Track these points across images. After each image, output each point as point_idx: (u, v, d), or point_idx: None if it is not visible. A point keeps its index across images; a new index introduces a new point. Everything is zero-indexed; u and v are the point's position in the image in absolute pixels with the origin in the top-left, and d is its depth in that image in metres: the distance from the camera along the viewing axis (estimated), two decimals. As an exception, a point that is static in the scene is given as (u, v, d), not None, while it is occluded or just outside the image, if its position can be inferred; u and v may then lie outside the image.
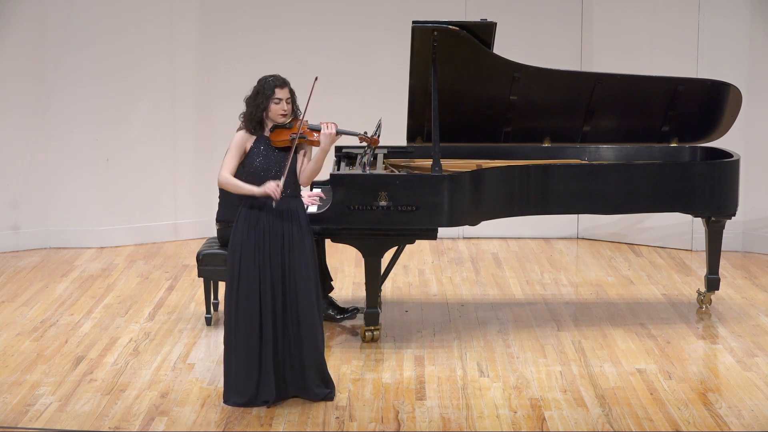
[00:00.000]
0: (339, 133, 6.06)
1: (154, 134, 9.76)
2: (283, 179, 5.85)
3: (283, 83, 5.92)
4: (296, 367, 5.94)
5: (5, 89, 9.36)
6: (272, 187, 5.81)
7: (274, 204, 5.85)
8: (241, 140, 5.92)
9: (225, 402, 5.94)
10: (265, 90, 5.89)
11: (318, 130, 6.00)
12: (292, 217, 5.92)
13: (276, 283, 5.88)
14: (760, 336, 7.17)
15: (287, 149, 5.92)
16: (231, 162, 5.91)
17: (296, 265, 5.90)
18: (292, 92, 5.96)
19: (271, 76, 5.95)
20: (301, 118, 5.96)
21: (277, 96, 5.89)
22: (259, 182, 5.88)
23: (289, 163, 5.88)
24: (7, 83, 9.36)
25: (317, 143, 5.97)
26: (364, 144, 6.71)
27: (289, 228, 5.91)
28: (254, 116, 5.91)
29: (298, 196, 6.01)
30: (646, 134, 7.93)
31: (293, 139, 5.89)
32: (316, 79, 5.99)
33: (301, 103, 6.03)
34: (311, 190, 7.07)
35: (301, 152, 5.98)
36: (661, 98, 7.76)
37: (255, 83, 5.99)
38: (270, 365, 5.89)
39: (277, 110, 5.90)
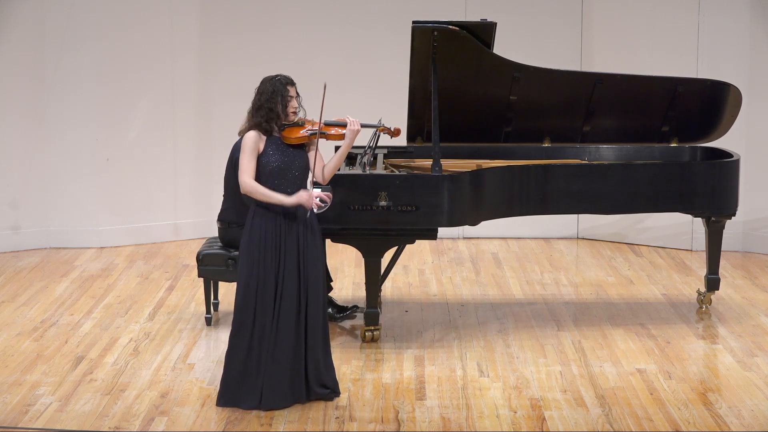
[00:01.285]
0: (363, 126, 6.15)
1: (154, 134, 9.76)
2: (310, 187, 5.87)
3: (291, 81, 5.98)
4: (301, 368, 5.93)
5: (5, 89, 9.36)
6: (306, 198, 5.83)
7: (308, 214, 5.88)
8: (254, 142, 5.89)
9: (222, 405, 5.90)
10: (280, 89, 5.90)
11: (334, 125, 6.06)
12: (305, 219, 5.92)
13: (290, 285, 5.88)
14: (760, 336, 7.17)
15: (300, 146, 5.95)
16: (250, 166, 5.88)
17: (310, 269, 5.91)
18: (296, 91, 6.00)
19: (276, 75, 5.97)
20: (319, 118, 5.97)
21: (289, 94, 5.93)
22: (275, 181, 5.87)
23: (314, 165, 5.92)
24: (7, 83, 9.36)
25: (336, 137, 6.03)
26: (387, 135, 6.71)
27: (303, 231, 5.92)
28: (275, 115, 5.90)
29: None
30: (646, 134, 7.93)
31: (312, 134, 5.92)
32: (326, 86, 6.02)
33: (309, 108, 6.05)
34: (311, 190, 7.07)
35: (314, 150, 6.00)
36: (661, 98, 7.76)
37: (256, 84, 5.98)
38: (273, 369, 5.89)
39: (291, 108, 5.94)
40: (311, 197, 5.85)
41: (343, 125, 6.11)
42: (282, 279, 5.87)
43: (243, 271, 5.91)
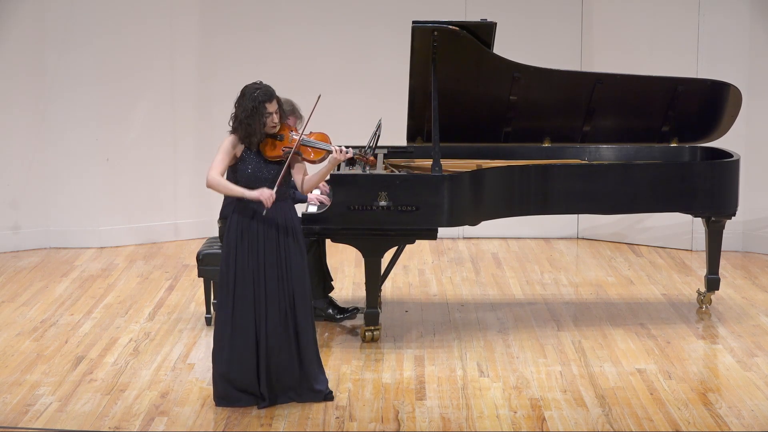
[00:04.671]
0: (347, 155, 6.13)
1: (154, 134, 9.76)
2: (275, 188, 5.85)
3: (271, 96, 5.87)
4: (294, 369, 5.93)
5: (5, 89, 9.36)
6: (267, 195, 5.80)
7: (264, 212, 5.84)
8: (231, 145, 5.90)
9: (219, 405, 5.92)
10: (258, 107, 5.83)
11: (312, 146, 6.01)
12: (287, 221, 5.92)
13: (272, 288, 5.88)
14: (760, 336, 7.17)
15: (279, 162, 5.93)
16: (220, 164, 5.88)
17: (293, 273, 5.90)
18: (279, 102, 5.93)
19: (257, 88, 5.88)
20: (300, 132, 5.96)
21: (267, 111, 5.86)
22: (250, 188, 5.87)
23: (282, 175, 5.88)
24: (7, 83, 9.36)
25: (310, 160, 5.99)
26: (362, 162, 6.68)
27: (284, 232, 5.90)
28: (255, 132, 5.85)
29: (288, 199, 5.99)
30: (646, 134, 7.93)
31: (286, 153, 5.89)
32: (319, 97, 6.01)
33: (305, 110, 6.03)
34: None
35: (296, 162, 5.97)
36: (661, 98, 7.76)
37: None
38: (265, 368, 5.89)
39: (268, 123, 5.89)
40: (271, 197, 5.79)
41: (322, 149, 6.03)
42: (264, 283, 5.86)
43: (221, 273, 5.93)
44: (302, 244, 5.98)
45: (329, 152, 6.05)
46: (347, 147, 6.15)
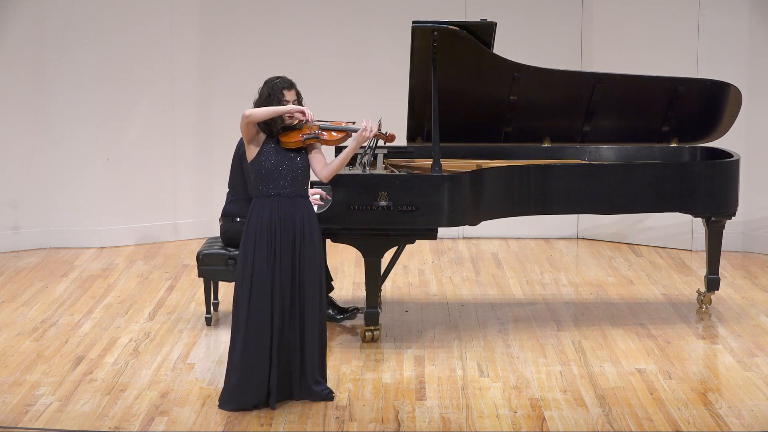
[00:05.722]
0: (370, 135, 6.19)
1: (154, 134, 9.76)
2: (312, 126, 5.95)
3: (290, 85, 5.96)
4: (297, 367, 5.94)
5: (5, 89, 9.36)
6: (299, 107, 5.86)
7: (305, 120, 5.87)
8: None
9: (222, 407, 5.91)
10: (276, 93, 5.90)
11: (333, 130, 6.04)
12: (304, 219, 5.92)
13: (285, 283, 5.88)
14: (760, 336, 7.17)
15: (298, 150, 5.95)
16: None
17: (306, 267, 5.91)
18: (298, 93, 5.99)
19: (277, 78, 5.97)
20: (311, 120, 5.99)
21: (285, 98, 5.91)
22: (270, 183, 5.89)
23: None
24: (7, 83, 9.36)
25: (334, 142, 6.01)
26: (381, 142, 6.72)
27: (301, 229, 5.91)
28: (271, 119, 5.89)
29: (306, 196, 6.01)
30: (646, 134, 7.93)
31: (308, 139, 5.91)
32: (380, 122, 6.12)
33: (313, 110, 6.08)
34: (311, 187, 7.07)
35: (313, 151, 6.00)
36: (661, 98, 7.76)
37: (256, 83, 6.00)
38: (276, 367, 5.89)
39: None
40: (306, 111, 5.86)
41: (342, 130, 6.08)
42: (278, 276, 5.87)
43: (239, 268, 5.93)
44: (319, 242, 5.98)
45: (350, 133, 6.09)
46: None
